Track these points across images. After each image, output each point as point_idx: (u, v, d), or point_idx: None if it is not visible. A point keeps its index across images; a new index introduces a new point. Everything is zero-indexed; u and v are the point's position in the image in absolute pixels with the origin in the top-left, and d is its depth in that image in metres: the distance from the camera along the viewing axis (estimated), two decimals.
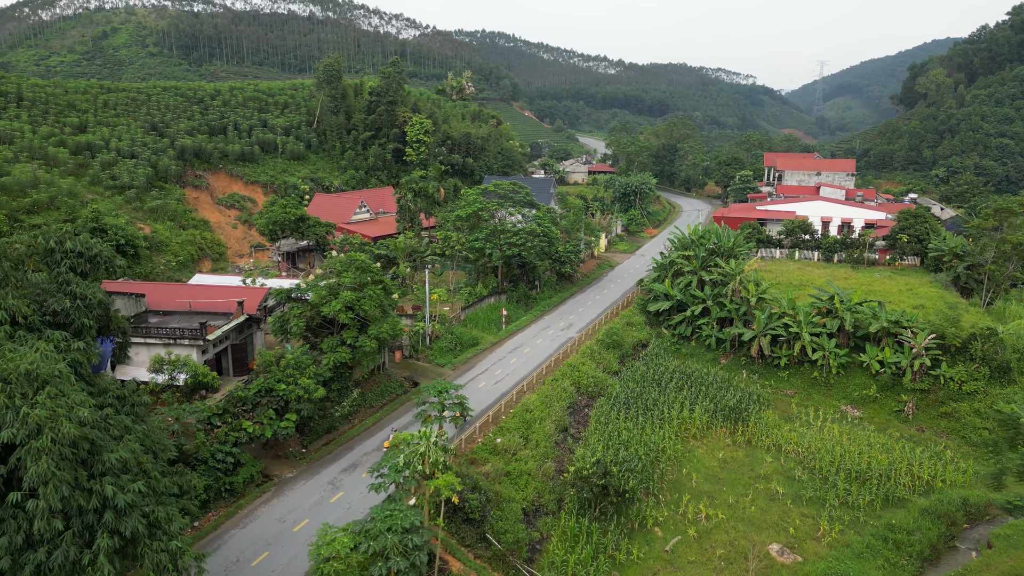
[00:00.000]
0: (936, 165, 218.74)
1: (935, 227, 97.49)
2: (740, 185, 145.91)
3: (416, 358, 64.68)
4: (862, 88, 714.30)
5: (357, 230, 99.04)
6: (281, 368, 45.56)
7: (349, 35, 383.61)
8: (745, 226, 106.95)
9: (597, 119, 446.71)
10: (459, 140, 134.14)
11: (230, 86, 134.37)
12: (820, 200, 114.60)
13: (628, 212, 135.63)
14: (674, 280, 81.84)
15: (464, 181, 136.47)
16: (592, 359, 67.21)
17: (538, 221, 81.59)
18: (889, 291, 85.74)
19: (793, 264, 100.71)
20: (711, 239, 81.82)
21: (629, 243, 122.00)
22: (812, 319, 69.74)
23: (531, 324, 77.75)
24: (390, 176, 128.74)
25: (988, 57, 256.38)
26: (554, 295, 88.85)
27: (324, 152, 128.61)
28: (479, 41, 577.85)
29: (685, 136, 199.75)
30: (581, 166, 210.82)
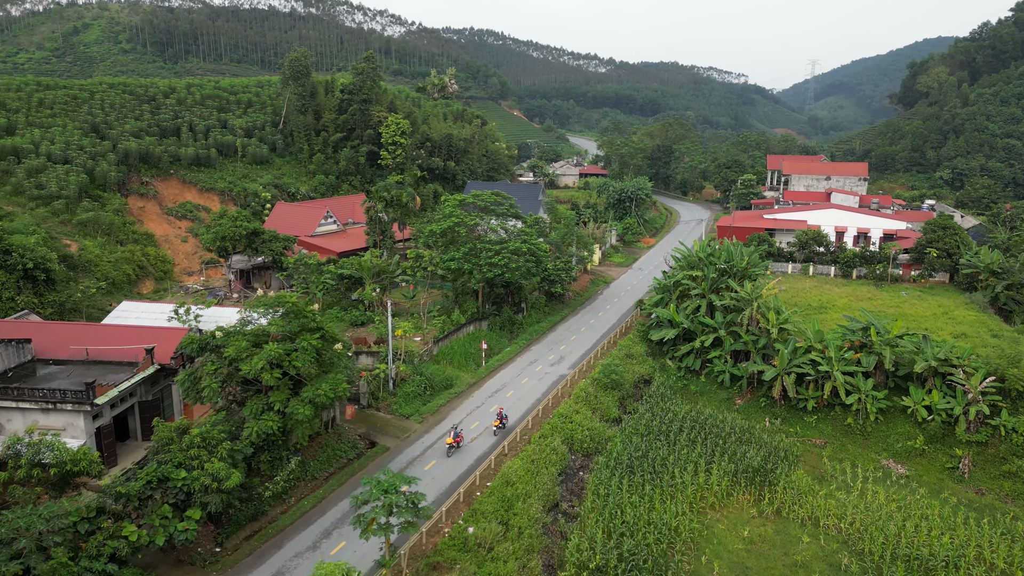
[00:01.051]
0: (940, 167, 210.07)
1: (966, 240, 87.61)
2: (743, 190, 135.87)
3: (377, 407, 53.91)
4: (854, 87, 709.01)
5: (321, 244, 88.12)
6: (184, 447, 34.72)
7: (332, 31, 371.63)
8: (753, 238, 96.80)
9: (588, 118, 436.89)
10: (440, 142, 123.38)
11: (187, 83, 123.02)
12: (833, 208, 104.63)
13: (623, 220, 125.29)
14: (679, 304, 71.52)
15: (445, 187, 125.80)
16: (587, 404, 56.67)
17: (524, 237, 70.97)
18: (921, 314, 75.75)
19: (808, 281, 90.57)
20: (722, 257, 71.47)
21: (625, 255, 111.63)
22: (844, 355, 59.48)
23: (516, 357, 67.14)
24: (364, 181, 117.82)
25: (992, 55, 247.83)
26: (543, 319, 78.34)
27: (291, 155, 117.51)
28: (467, 39, 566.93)
29: (680, 137, 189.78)
30: (572, 168, 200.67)
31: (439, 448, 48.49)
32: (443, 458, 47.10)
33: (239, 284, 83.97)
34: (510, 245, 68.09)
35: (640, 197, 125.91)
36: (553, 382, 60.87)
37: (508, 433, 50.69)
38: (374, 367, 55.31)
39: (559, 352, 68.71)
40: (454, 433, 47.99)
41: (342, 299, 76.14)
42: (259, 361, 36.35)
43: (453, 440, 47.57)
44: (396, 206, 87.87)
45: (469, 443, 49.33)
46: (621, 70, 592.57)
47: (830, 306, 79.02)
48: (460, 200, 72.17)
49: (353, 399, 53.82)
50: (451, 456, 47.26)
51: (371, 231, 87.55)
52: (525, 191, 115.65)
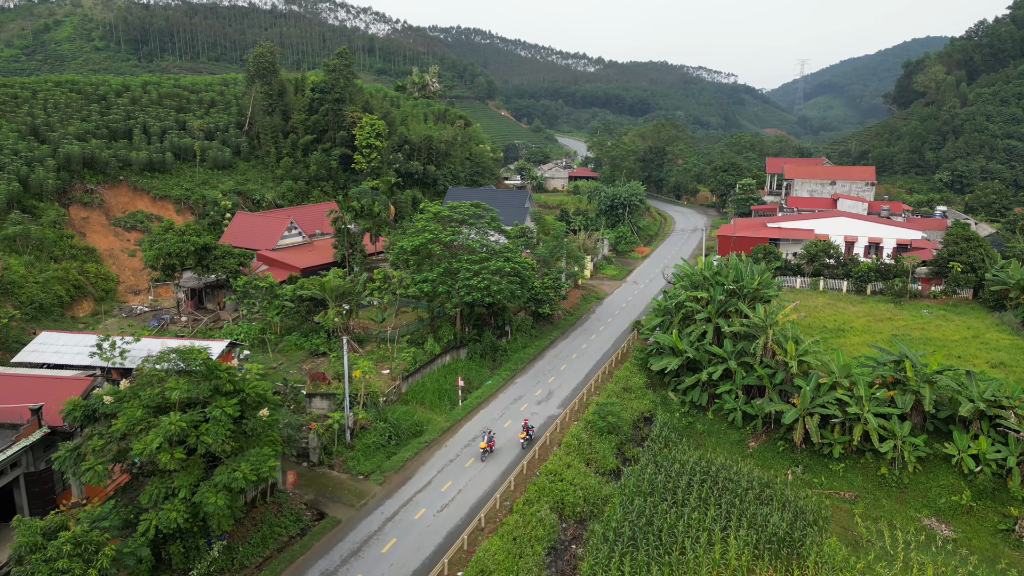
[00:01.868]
0: (940, 168, 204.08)
1: (990, 252, 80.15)
2: (742, 195, 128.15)
3: (330, 464, 45.40)
4: (843, 87, 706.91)
5: (283, 259, 79.45)
6: (50, 557, 26.16)
7: (314, 29, 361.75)
8: (758, 250, 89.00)
9: (577, 119, 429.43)
10: (419, 144, 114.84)
11: (143, 80, 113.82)
12: (842, 216, 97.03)
13: (616, 228, 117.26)
14: (682, 329, 63.52)
15: (425, 193, 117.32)
16: (579, 455, 48.43)
17: (508, 254, 62.62)
18: (949, 338, 68.13)
19: (820, 297, 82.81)
20: (730, 276, 63.45)
21: (618, 266, 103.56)
22: (875, 393, 51.56)
23: (499, 393, 58.79)
24: (336, 187, 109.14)
25: (990, 53, 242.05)
26: (529, 343, 70.08)
27: (256, 159, 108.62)
28: (454, 38, 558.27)
29: (673, 138, 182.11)
30: (561, 171, 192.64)
31: (402, 521, 40.08)
32: (405, 534, 38.70)
33: (190, 305, 75.20)
34: (491, 264, 59.74)
35: (634, 203, 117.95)
36: (540, 425, 52.60)
37: (486, 500, 42.37)
38: (328, 414, 46.73)
39: (547, 386, 60.44)
40: (487, 437, 47.25)
41: (304, 322, 67.63)
42: (155, 439, 27.85)
43: (487, 444, 46.90)
44: (367, 216, 79.42)
45: (439, 512, 40.97)
46: (610, 69, 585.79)
47: (847, 328, 71.25)
48: (435, 212, 63.73)
49: (302, 454, 45.31)
50: (420, 522, 38.89)
51: (339, 244, 79.00)
52: (510, 198, 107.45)
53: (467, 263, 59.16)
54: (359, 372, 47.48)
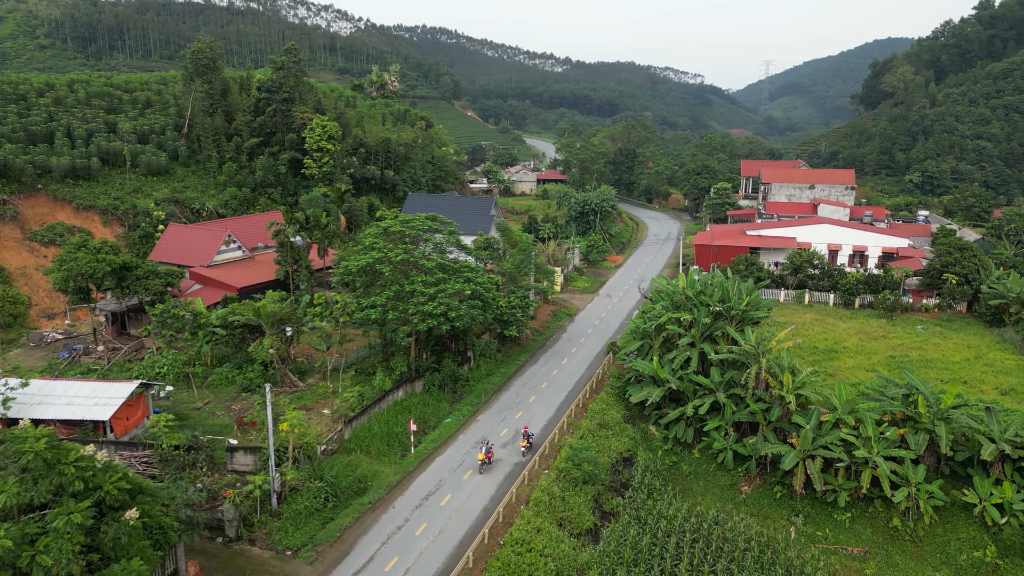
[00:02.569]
0: (910, 169, 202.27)
1: (985, 262, 75.28)
2: (717, 200, 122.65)
3: (251, 538, 37.71)
4: (807, 88, 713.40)
5: (218, 278, 71.15)
6: None
7: (273, 27, 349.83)
8: (739, 260, 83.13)
9: (545, 119, 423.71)
10: (376, 147, 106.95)
11: (69, 79, 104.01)
12: (826, 223, 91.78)
13: (587, 235, 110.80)
14: (663, 353, 57.05)
15: (384, 199, 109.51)
16: (551, 514, 41.48)
17: (468, 274, 55.39)
18: (949, 358, 62.75)
19: (807, 312, 77.13)
20: (715, 295, 57.08)
21: (590, 278, 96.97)
22: (885, 433, 45.51)
23: (459, 434, 51.55)
24: (286, 194, 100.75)
25: (957, 54, 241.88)
26: (495, 370, 62.97)
27: (197, 164, 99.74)
28: (419, 37, 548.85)
29: (644, 140, 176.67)
30: (529, 174, 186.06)
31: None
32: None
33: (110, 331, 66.57)
34: (449, 286, 52.46)
35: (605, 210, 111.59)
36: (506, 476, 45.54)
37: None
38: (250, 478, 38.99)
39: (514, 423, 53.35)
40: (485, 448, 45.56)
41: (237, 352, 59.64)
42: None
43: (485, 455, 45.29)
44: (311, 228, 71.56)
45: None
46: (578, 70, 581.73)
47: (840, 348, 65.47)
48: (384, 227, 56.21)
49: (215, 527, 37.56)
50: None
51: (282, 260, 70.96)
52: (474, 205, 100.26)
53: (421, 285, 51.81)
54: (286, 425, 39.81)
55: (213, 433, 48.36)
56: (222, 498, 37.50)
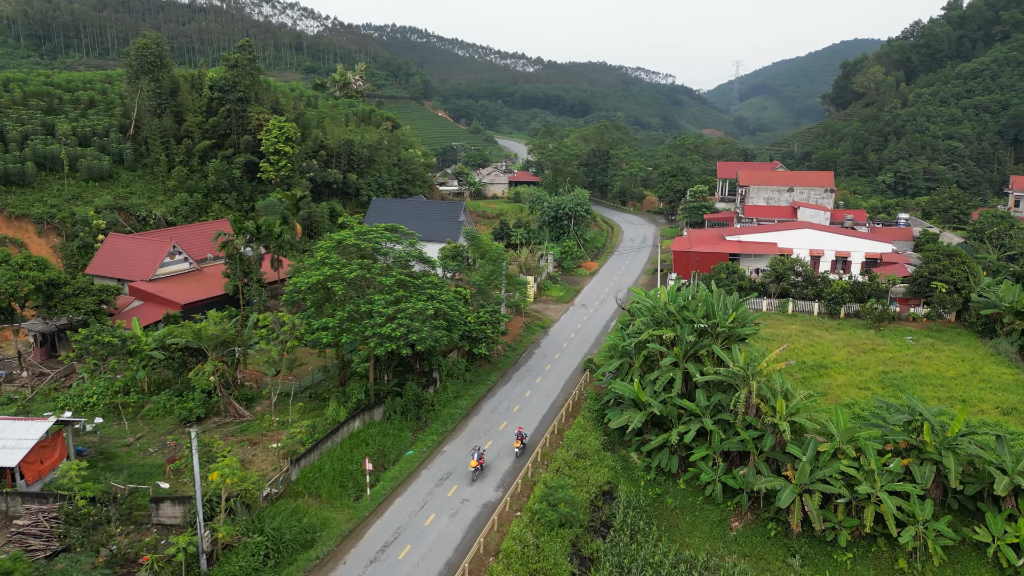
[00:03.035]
0: (883, 170, 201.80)
1: (974, 269, 72.34)
2: (693, 203, 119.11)
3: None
4: (776, 88, 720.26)
5: (161, 293, 65.28)
6: None
7: (236, 25, 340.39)
8: (720, 269, 79.36)
9: (517, 120, 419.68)
10: (338, 150, 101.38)
11: (5, 78, 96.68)
12: (807, 228, 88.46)
13: (560, 241, 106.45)
14: (644, 373, 52.79)
15: (347, 204, 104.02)
16: (523, 566, 36.78)
17: (432, 291, 50.51)
18: (943, 373, 59.40)
19: (791, 323, 73.51)
20: (699, 311, 52.90)
21: (564, 286, 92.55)
22: (888, 465, 41.62)
23: (421, 469, 46.57)
24: (241, 200, 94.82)
25: (927, 54, 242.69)
26: (463, 392, 58.14)
27: (145, 168, 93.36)
28: (389, 36, 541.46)
29: (617, 141, 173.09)
30: (501, 176, 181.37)
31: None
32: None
33: (38, 355, 60.44)
34: (410, 305, 47.47)
35: (579, 214, 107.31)
36: (473, 520, 40.72)
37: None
38: (171, 540, 33.61)
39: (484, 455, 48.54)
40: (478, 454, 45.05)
41: (178, 377, 54.07)
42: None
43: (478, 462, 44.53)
44: (263, 238, 66.12)
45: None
46: (550, 70, 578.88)
47: (829, 363, 61.79)
48: (339, 240, 51.02)
49: None
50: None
51: (231, 273, 65.37)
52: (443, 210, 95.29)
53: (379, 304, 46.77)
54: (216, 475, 34.53)
55: (143, 475, 42.92)
56: (138, 565, 32.19)
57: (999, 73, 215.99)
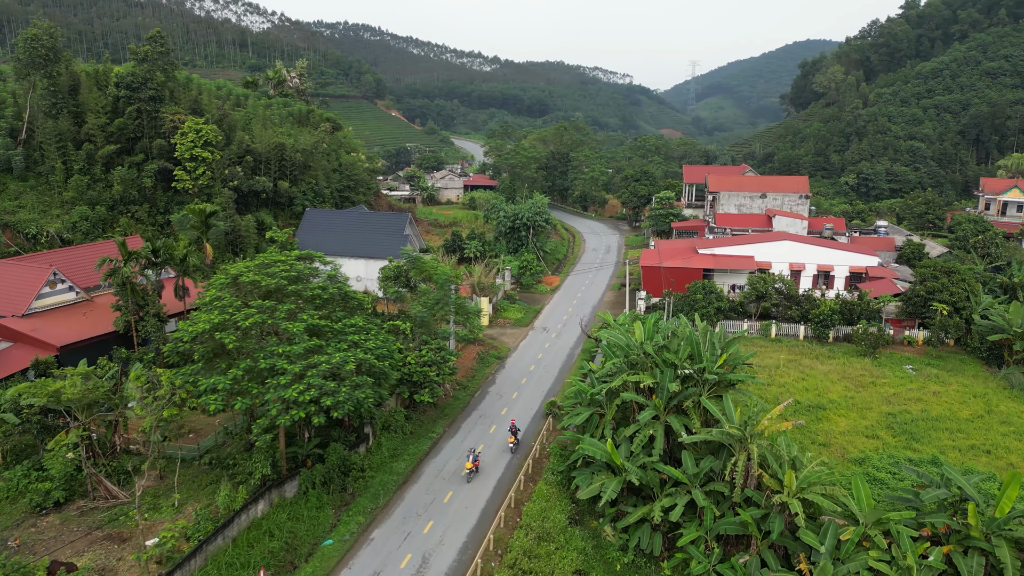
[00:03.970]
0: (846, 171, 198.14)
1: (974, 287, 65.34)
2: (660, 210, 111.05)
3: None
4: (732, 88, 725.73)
5: (34, 332, 53.78)
6: None
7: (176, 21, 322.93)
8: (695, 288, 71.01)
9: (474, 120, 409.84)
10: (267, 155, 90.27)
11: None
12: (787, 240, 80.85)
13: (518, 254, 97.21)
14: (619, 427, 43.93)
15: (279, 215, 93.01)
16: None
17: (357, 336, 40.56)
18: (956, 413, 51.83)
19: (777, 350, 65.49)
20: (683, 353, 44.12)
21: (523, 306, 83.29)
22: (926, 557, 33.28)
23: (340, 569, 36.55)
24: (154, 212, 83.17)
25: (887, 53, 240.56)
26: (402, 450, 48.36)
27: (39, 178, 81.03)
28: (341, 34, 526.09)
29: (578, 142, 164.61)
30: (455, 179, 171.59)
31: None
32: None
33: None
34: (324, 359, 37.41)
35: (539, 224, 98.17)
36: None
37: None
38: None
39: (422, 542, 38.81)
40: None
41: (42, 445, 43.15)
42: None
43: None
44: (165, 262, 55.32)
45: None
46: (507, 69, 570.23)
47: (826, 403, 53.72)
48: (234, 275, 40.68)
49: None
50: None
51: (123, 306, 54.36)
52: (386, 222, 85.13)
53: (284, 360, 36.66)
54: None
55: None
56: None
57: (959, 73, 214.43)
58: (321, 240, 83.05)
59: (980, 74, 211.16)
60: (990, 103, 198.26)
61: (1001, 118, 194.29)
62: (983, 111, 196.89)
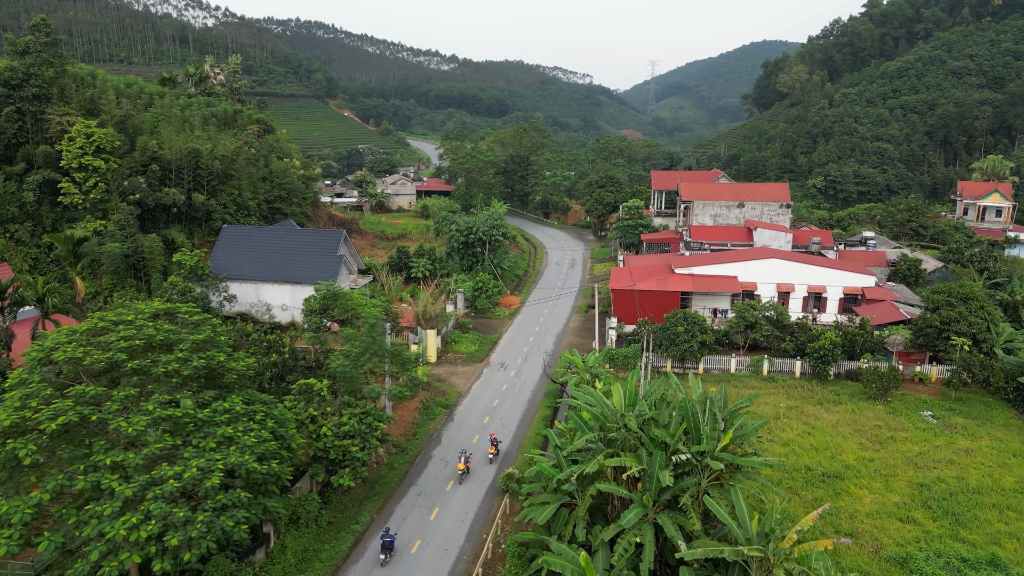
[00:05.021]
0: (813, 173, 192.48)
1: (993, 315, 56.77)
2: (628, 220, 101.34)
3: None
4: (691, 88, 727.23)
5: None
6: None
7: (111, 15, 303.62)
8: (675, 319, 61.10)
9: (431, 120, 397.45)
10: (179, 162, 77.73)
11: None
12: (774, 258, 71.68)
13: (473, 272, 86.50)
14: (594, 523, 33.73)
15: (194, 233, 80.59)
16: None
17: (234, 430, 29.28)
18: (998, 481, 42.72)
19: (773, 391, 55.94)
20: (676, 430, 33.91)
21: (477, 336, 72.43)
22: None
23: None
24: (38, 231, 70.19)
25: (850, 52, 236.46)
26: (314, 554, 37.15)
27: None
28: (293, 31, 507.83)
29: (539, 145, 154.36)
30: (408, 184, 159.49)
31: None
32: None
33: None
34: (172, 475, 25.99)
35: (496, 238, 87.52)
36: None
37: None
38: None
39: None
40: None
41: None
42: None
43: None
44: (13, 304, 43.13)
45: None
46: (465, 68, 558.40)
47: (840, 468, 44.07)
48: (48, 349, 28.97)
49: None
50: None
51: None
52: (316, 242, 73.41)
53: (114, 478, 25.20)
54: None
55: None
56: None
57: (924, 72, 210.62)
58: (240, 262, 71.16)
59: (946, 73, 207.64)
60: (956, 103, 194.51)
61: (968, 118, 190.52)
62: (950, 111, 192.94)
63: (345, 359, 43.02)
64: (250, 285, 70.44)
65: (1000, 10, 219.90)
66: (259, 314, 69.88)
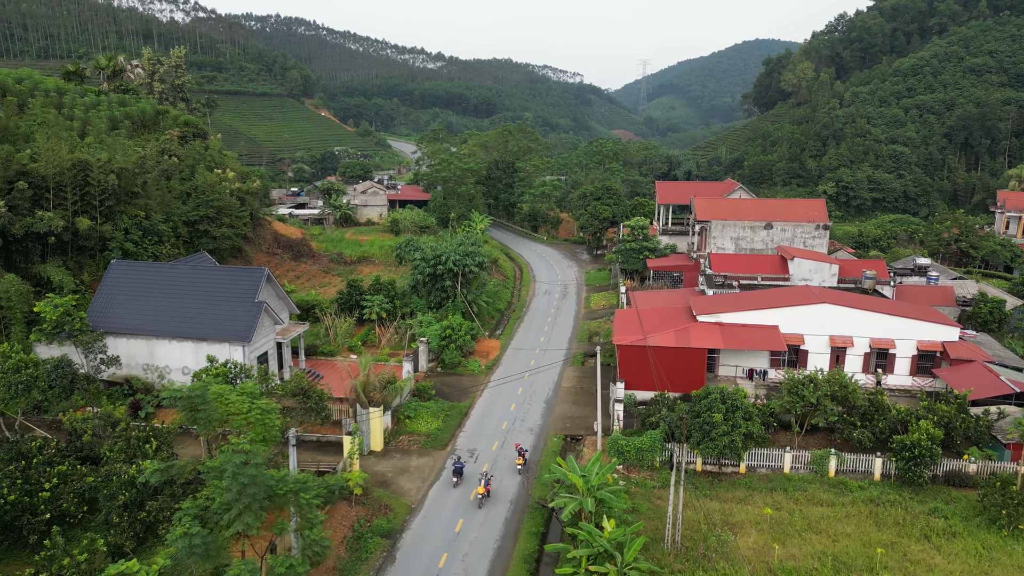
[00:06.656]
0: (823, 179, 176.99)
1: None
2: (631, 243, 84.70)
3: None
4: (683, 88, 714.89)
5: None
6: None
7: (69, 8, 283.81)
8: (709, 400, 44.41)
9: (416, 120, 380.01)
10: (59, 178, 60.31)
11: None
12: (826, 303, 55.24)
13: (443, 310, 69.70)
14: None
15: (84, 267, 63.17)
16: None
17: None
18: None
19: (846, 505, 39.42)
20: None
21: (440, 407, 55.33)
22: None
23: None
24: None
25: (860, 49, 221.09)
26: None
27: None
28: (272, 28, 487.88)
29: (527, 149, 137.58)
30: (380, 193, 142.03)
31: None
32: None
33: None
34: None
35: (471, 269, 70.68)
36: None
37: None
38: None
39: None
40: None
41: None
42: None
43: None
44: None
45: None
46: (452, 67, 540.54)
47: None
48: None
49: None
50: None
51: None
52: (229, 284, 56.01)
53: None
54: None
55: None
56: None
57: (940, 70, 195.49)
58: (129, 310, 54.09)
59: (964, 71, 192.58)
60: (977, 103, 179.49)
61: (991, 119, 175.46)
62: (971, 112, 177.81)
63: (196, 524, 25.97)
64: (141, 341, 53.47)
65: (1020, 3, 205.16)
66: (153, 380, 52.97)
